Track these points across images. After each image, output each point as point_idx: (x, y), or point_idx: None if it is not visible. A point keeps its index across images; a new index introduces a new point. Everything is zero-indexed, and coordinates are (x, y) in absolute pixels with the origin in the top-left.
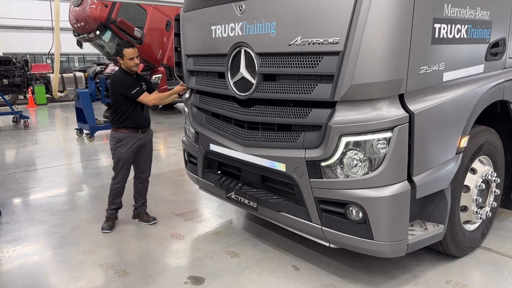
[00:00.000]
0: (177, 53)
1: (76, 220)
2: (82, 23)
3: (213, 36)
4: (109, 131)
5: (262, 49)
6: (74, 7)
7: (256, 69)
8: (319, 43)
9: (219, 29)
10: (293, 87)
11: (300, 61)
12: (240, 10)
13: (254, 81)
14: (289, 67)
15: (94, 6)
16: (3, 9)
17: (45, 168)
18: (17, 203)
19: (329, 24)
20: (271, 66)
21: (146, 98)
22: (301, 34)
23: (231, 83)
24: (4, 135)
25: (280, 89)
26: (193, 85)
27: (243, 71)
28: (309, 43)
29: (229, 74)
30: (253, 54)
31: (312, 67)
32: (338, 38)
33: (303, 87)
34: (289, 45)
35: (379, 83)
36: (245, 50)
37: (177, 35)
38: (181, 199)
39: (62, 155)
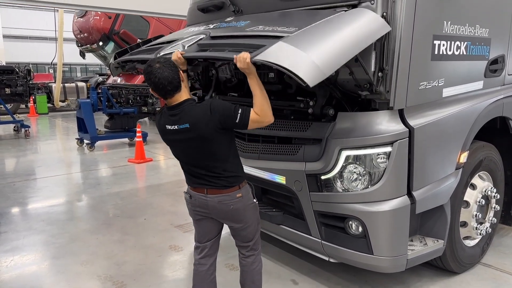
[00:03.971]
0: None
1: (74, 230)
2: (85, 34)
3: None
4: (109, 141)
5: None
6: (78, 18)
7: None
8: None
9: None
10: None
11: None
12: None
13: None
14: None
15: (98, 17)
16: (8, 19)
17: (44, 178)
18: (16, 212)
19: None
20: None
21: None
22: None
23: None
24: (5, 144)
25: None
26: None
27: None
28: None
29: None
30: None
31: None
32: None
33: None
34: None
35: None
36: None
37: None
38: (181, 211)
39: (62, 165)
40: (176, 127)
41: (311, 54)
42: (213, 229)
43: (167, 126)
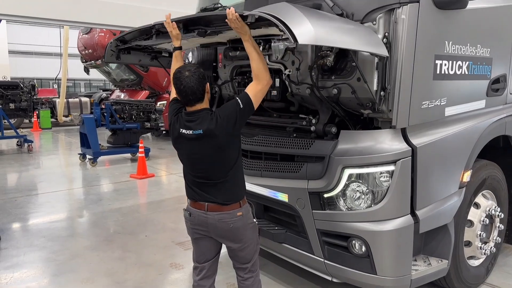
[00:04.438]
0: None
1: (75, 247)
2: (90, 50)
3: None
4: (112, 156)
5: None
6: (83, 35)
7: None
8: None
9: None
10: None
11: None
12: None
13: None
14: None
15: (103, 34)
16: (14, 35)
17: (46, 193)
18: (17, 228)
19: None
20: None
21: (257, 86)
22: None
23: None
24: (8, 158)
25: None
26: None
27: None
28: None
29: None
30: None
31: None
32: None
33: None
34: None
35: None
36: None
37: None
38: (182, 227)
39: (64, 180)
40: (190, 132)
41: (312, 20)
42: (211, 248)
43: (181, 130)
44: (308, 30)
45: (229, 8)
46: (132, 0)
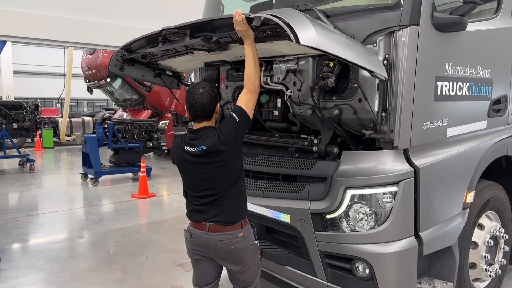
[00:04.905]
0: None
1: (75, 268)
2: (93, 71)
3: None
4: (113, 175)
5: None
6: (87, 55)
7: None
8: None
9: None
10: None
11: None
12: None
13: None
14: None
15: (107, 54)
16: (19, 55)
17: (47, 213)
18: (17, 249)
19: None
20: None
21: (246, 96)
22: None
23: None
24: (9, 178)
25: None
26: None
27: None
28: None
29: None
30: None
31: None
32: None
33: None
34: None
35: None
36: None
37: None
38: (183, 248)
39: (65, 200)
40: (194, 149)
41: (316, 27)
42: (211, 271)
43: (185, 147)
44: (311, 34)
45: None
46: (136, 22)
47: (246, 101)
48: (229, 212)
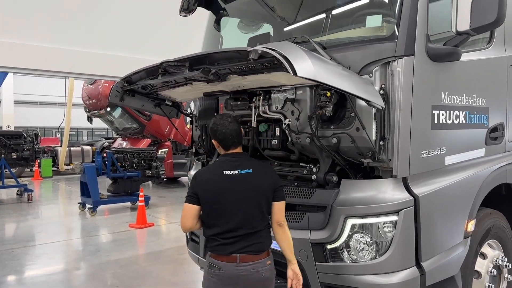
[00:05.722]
0: None
1: None
2: (94, 100)
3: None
4: (111, 205)
5: None
6: (87, 85)
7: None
8: None
9: None
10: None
11: None
12: None
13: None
14: None
15: (107, 84)
16: (20, 85)
17: (44, 244)
18: (12, 281)
19: None
20: None
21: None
22: None
23: None
24: (7, 208)
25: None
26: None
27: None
28: None
29: None
30: None
31: None
32: None
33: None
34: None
35: None
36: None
37: None
38: (181, 280)
39: (62, 230)
40: (237, 171)
41: (312, 59)
42: None
43: (225, 171)
44: (308, 66)
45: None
46: (136, 53)
47: (281, 213)
48: (261, 242)
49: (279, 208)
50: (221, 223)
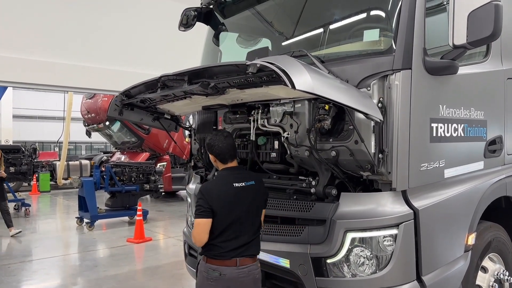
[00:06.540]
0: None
1: None
2: (93, 114)
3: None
4: (109, 219)
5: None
6: (86, 99)
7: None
8: None
9: None
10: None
11: None
12: None
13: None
14: None
15: (106, 99)
16: (19, 99)
17: (41, 259)
18: None
19: None
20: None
21: None
22: None
23: None
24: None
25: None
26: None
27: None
28: None
29: None
30: None
31: None
32: None
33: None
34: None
35: None
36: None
37: None
38: None
39: (59, 245)
40: (243, 184)
41: (311, 73)
42: None
43: (234, 184)
44: (306, 79)
45: None
46: (135, 67)
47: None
48: (257, 246)
49: (263, 214)
50: (231, 232)
